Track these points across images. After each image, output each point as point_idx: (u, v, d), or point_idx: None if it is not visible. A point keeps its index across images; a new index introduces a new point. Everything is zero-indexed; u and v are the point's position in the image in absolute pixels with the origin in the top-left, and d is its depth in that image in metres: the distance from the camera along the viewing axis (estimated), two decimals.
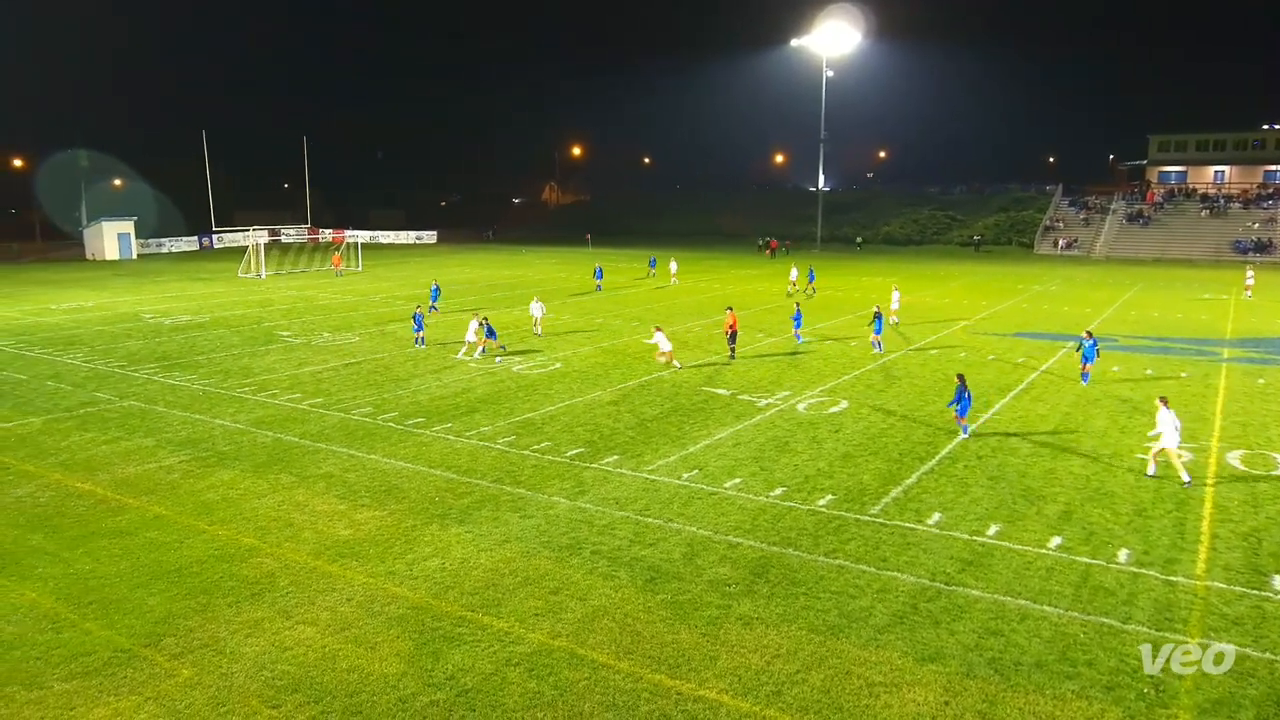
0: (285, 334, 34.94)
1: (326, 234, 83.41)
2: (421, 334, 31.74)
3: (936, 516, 15.14)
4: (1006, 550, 13.78)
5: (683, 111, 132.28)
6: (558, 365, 28.21)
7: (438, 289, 42.85)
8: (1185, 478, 16.71)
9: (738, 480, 17.03)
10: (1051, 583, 12.64)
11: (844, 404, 23.04)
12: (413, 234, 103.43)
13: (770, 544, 14.04)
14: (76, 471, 17.86)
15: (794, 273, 51.14)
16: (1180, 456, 17.06)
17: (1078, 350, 25.93)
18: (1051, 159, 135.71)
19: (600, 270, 53.72)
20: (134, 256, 79.26)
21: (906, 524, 14.84)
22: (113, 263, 74.99)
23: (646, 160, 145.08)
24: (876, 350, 30.00)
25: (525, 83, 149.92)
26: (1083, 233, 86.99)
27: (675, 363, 27.77)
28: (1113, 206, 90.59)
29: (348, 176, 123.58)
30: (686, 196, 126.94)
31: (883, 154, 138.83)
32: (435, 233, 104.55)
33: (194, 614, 11.88)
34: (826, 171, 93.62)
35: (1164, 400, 17.19)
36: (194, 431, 20.71)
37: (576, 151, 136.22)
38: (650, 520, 15.01)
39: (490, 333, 29.44)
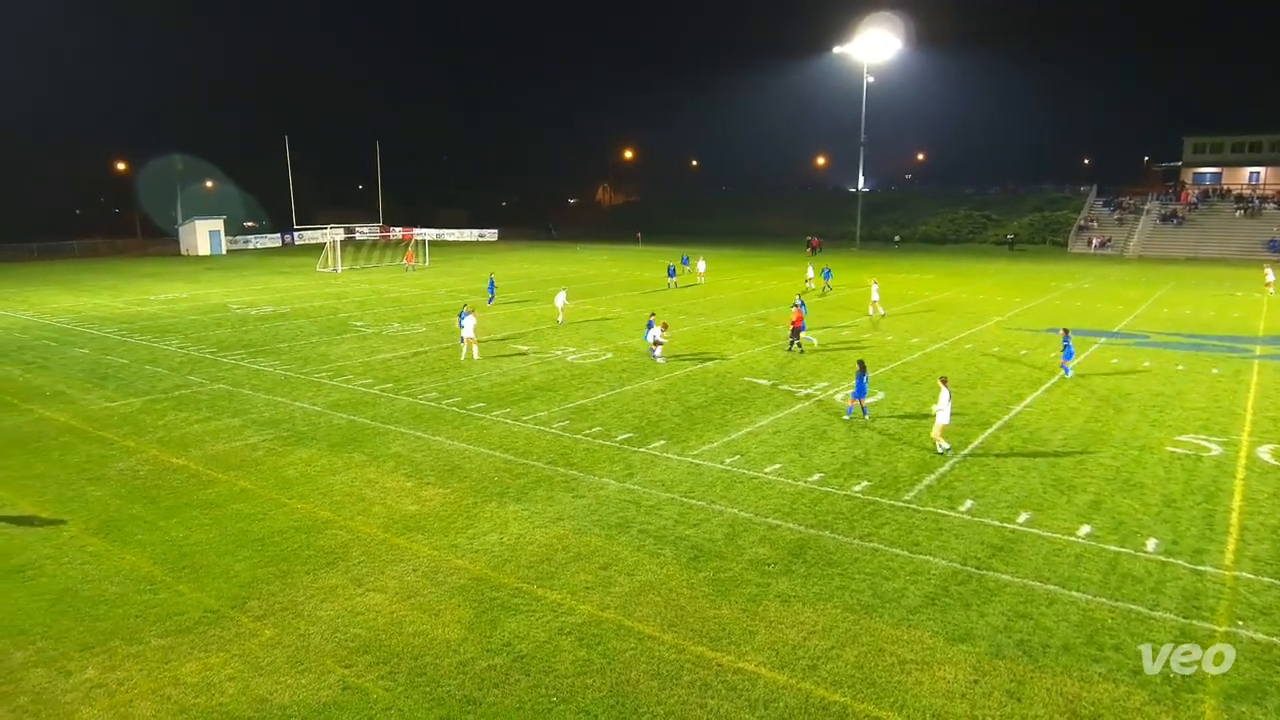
0: (358, 324, 35.60)
1: (397, 232, 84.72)
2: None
3: (968, 504, 14.88)
4: (1036, 537, 13.49)
5: (729, 116, 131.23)
6: (609, 355, 28.29)
7: (494, 283, 43.21)
8: (944, 446, 17.63)
9: (777, 466, 16.92)
10: (1080, 569, 12.35)
11: (880, 395, 22.73)
12: (475, 232, 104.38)
13: (808, 526, 13.94)
14: (172, 448, 18.44)
15: (810, 271, 50.54)
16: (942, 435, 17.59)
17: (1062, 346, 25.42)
18: (1086, 160, 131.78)
19: (674, 269, 51.75)
20: (224, 252, 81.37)
21: (939, 510, 14.61)
22: (204, 258, 77.13)
23: (694, 163, 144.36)
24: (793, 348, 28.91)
25: (581, 88, 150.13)
26: (1116, 232, 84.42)
27: (661, 357, 26.88)
28: (1146, 207, 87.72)
29: (416, 178, 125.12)
30: (731, 197, 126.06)
31: (920, 156, 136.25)
32: (496, 231, 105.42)
33: (275, 579, 12.21)
34: (866, 173, 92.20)
35: (944, 380, 18.21)
36: (276, 413, 21.23)
37: (628, 154, 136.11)
38: (694, 502, 15.01)
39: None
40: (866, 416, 20.23)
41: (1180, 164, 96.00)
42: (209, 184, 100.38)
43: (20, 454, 17.91)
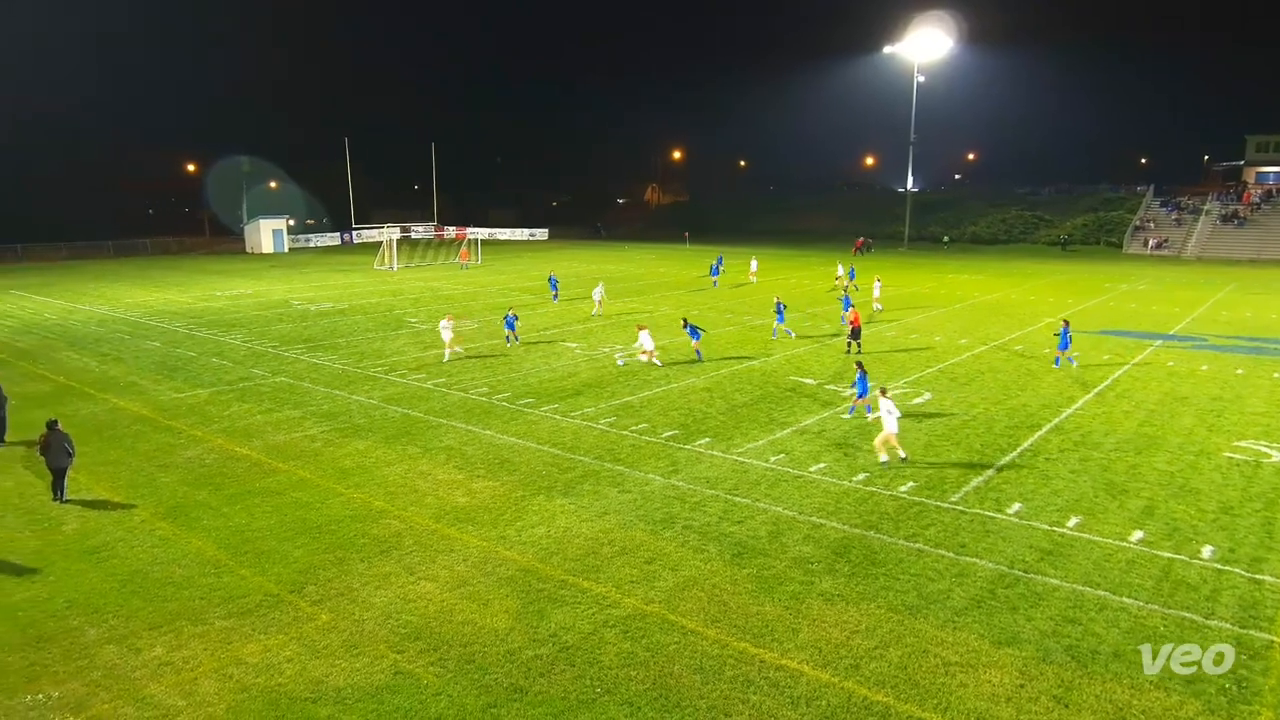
0: (413, 321, 36.18)
1: (450, 231, 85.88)
2: (512, 333, 29.72)
3: (1016, 506, 14.55)
4: (1087, 542, 13.14)
5: (778, 116, 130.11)
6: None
7: (555, 280, 43.54)
8: (902, 454, 16.78)
9: (822, 465, 16.76)
10: (1132, 575, 11.99)
11: (927, 395, 22.35)
12: (526, 231, 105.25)
13: (852, 526, 13.78)
14: (236, 437, 18.97)
15: (840, 270, 50.55)
16: (892, 444, 16.69)
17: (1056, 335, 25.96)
18: (1144, 160, 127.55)
19: (717, 268, 51.47)
20: (286, 250, 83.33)
21: (986, 512, 14.32)
22: (268, 255, 79.13)
23: (741, 163, 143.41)
24: (787, 335, 29.18)
25: (631, 89, 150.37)
26: (1174, 233, 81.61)
27: (656, 360, 26.35)
28: (1206, 207, 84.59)
29: (469, 178, 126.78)
30: (779, 197, 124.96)
31: (971, 155, 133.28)
32: (546, 230, 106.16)
33: (332, 566, 12.49)
34: (915, 172, 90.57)
35: (883, 390, 17.11)
36: (334, 405, 21.70)
37: (677, 154, 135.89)
38: (739, 499, 14.95)
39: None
40: (871, 415, 19.92)
41: (1242, 163, 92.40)
42: (273, 184, 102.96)
43: (96, 441, 18.60)
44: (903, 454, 16.90)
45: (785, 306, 31.88)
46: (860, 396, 19.76)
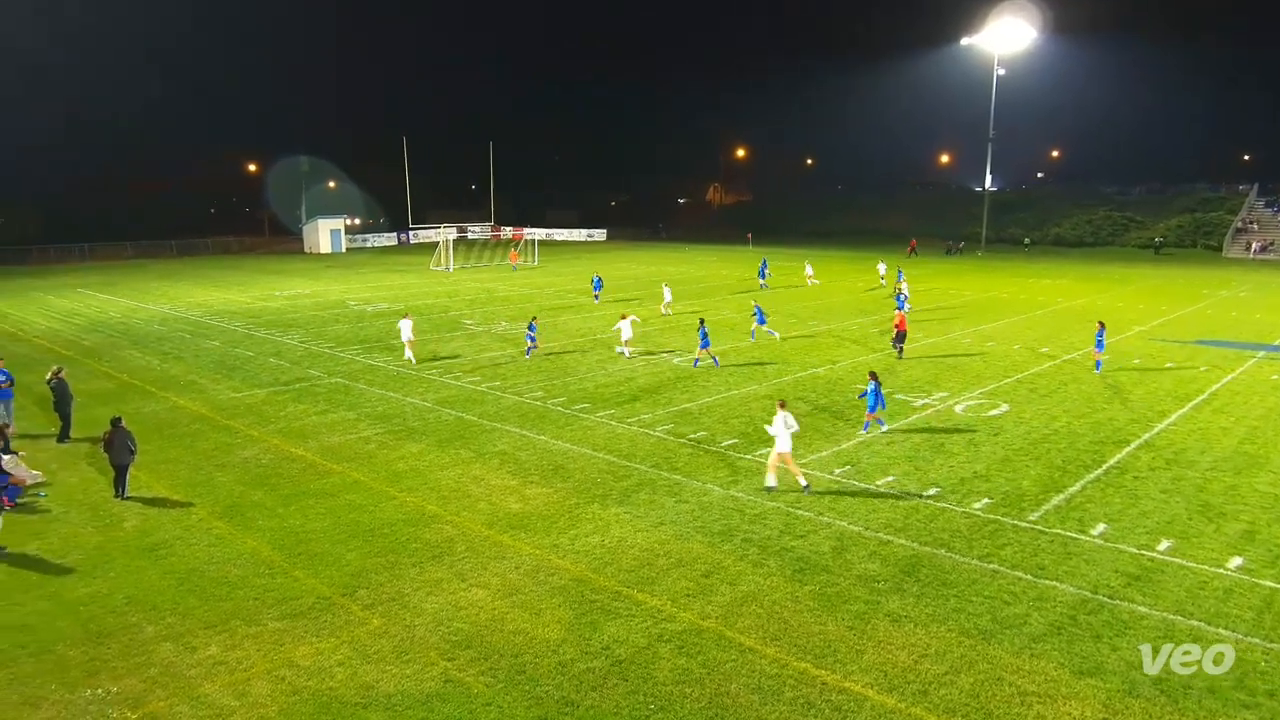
0: (468, 322, 36.76)
1: (508, 231, 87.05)
2: (533, 344, 28.88)
3: (1101, 528, 14.06)
4: (1179, 568, 12.62)
5: (847, 112, 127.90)
6: (714, 360, 28.17)
7: (599, 280, 43.82)
8: (803, 483, 15.63)
9: (890, 478, 16.46)
10: (1230, 605, 11.47)
11: (1004, 407, 21.78)
12: (584, 231, 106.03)
13: (921, 543, 13.49)
14: (292, 438, 19.54)
15: (881, 268, 50.85)
16: (791, 462, 15.66)
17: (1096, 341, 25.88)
18: (1246, 157, 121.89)
19: (764, 271, 51.77)
20: (343, 250, 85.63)
21: (1068, 533, 13.87)
22: (325, 255, 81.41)
23: (809, 161, 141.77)
24: (770, 336, 30.21)
25: (693, 85, 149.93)
26: None
27: (625, 351, 27.99)
28: None
29: (527, 177, 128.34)
30: (848, 197, 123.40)
31: (1055, 152, 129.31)
32: (605, 231, 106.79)
33: (384, 570, 12.75)
34: (994, 171, 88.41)
35: (782, 403, 15.79)
36: (388, 407, 22.17)
37: (741, 153, 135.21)
38: (801, 512, 14.78)
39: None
40: (884, 428, 19.61)
41: None
42: (331, 184, 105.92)
43: (157, 439, 19.36)
44: (803, 481, 15.67)
45: (763, 310, 32.48)
46: (871, 410, 19.32)
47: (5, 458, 15.92)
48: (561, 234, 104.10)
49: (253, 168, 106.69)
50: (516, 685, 9.83)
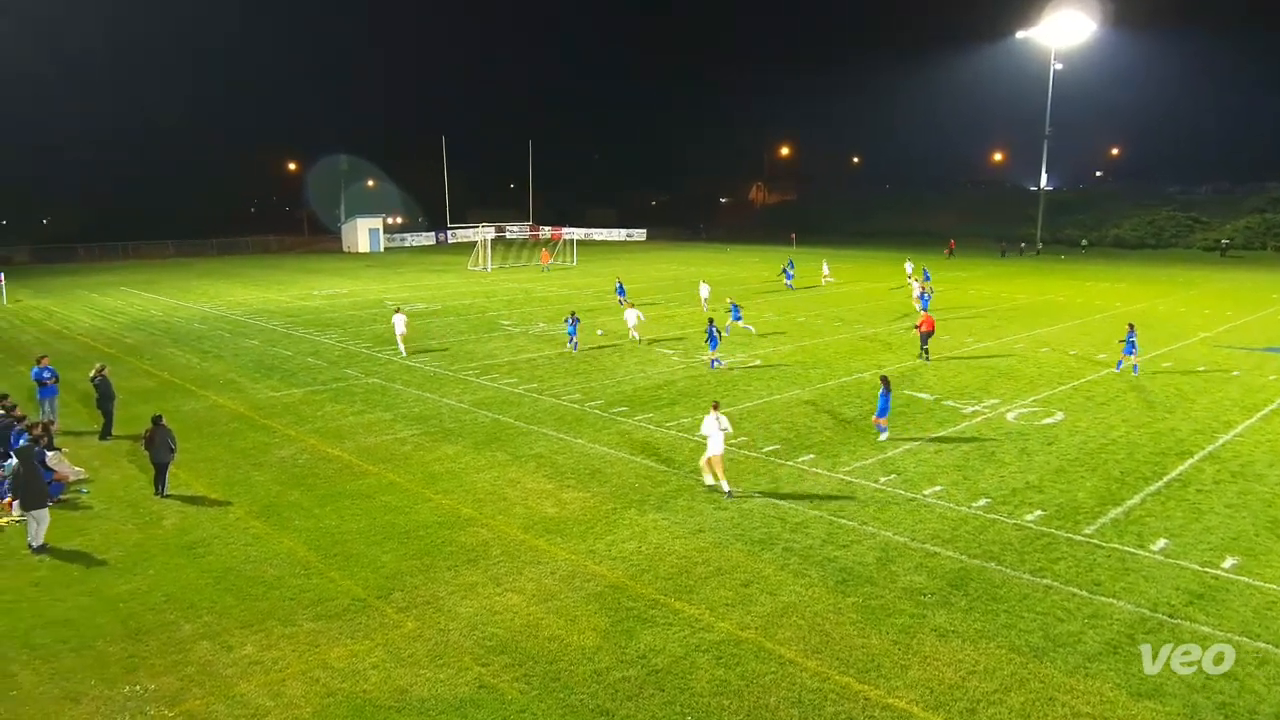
0: (506, 323, 37.06)
1: (546, 231, 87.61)
2: (574, 337, 30.26)
3: (1162, 543, 13.72)
4: (1245, 586, 12.25)
5: (896, 108, 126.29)
6: (757, 362, 28.08)
7: (622, 286, 43.93)
8: (725, 489, 15.73)
9: (938, 488, 16.24)
10: None
11: (1059, 415, 21.36)
12: (623, 231, 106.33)
13: (970, 556, 13.28)
14: (328, 438, 19.87)
15: (909, 267, 51.30)
16: (718, 466, 15.77)
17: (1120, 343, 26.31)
18: None
19: (790, 272, 51.92)
20: (381, 250, 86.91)
21: (1126, 548, 13.56)
22: (364, 255, 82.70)
23: (855, 159, 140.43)
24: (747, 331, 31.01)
25: (735, 82, 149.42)
26: None
27: (635, 335, 31.69)
28: None
29: (566, 177, 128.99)
30: (896, 196, 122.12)
31: (1114, 150, 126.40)
32: (645, 231, 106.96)
33: (419, 573, 12.90)
34: (1050, 169, 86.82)
35: (715, 405, 16.08)
36: (425, 408, 22.44)
37: (785, 151, 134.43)
38: (844, 522, 14.64)
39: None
40: (884, 437, 19.31)
41: None
42: (370, 183, 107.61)
43: (196, 438, 19.81)
44: (725, 487, 15.78)
45: (741, 307, 33.90)
46: (880, 415, 19.13)
47: (49, 454, 16.43)
48: (600, 234, 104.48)
49: (292, 166, 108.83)
50: (551, 693, 9.88)
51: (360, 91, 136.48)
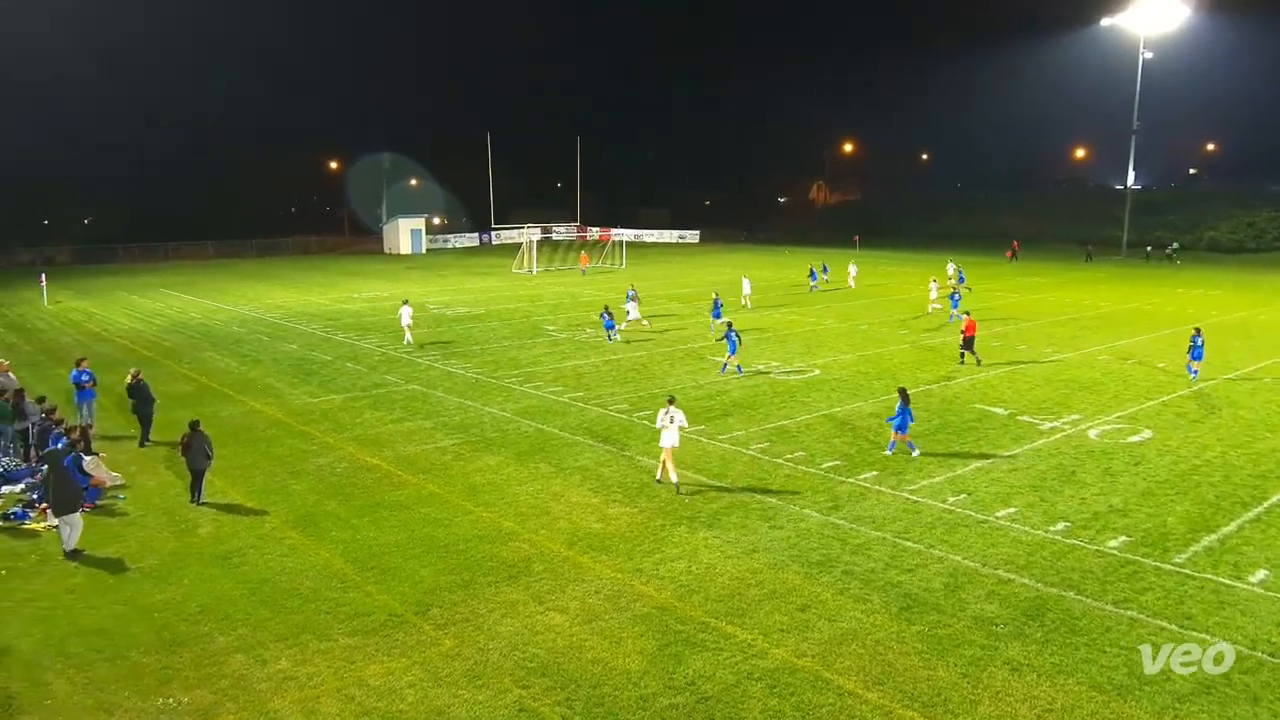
0: (551, 329, 37.33)
1: (594, 232, 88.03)
2: (610, 329, 33.49)
3: (1262, 574, 13.23)
4: None
5: (969, 102, 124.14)
6: (816, 372, 27.83)
7: (633, 292, 43.95)
8: (674, 478, 16.99)
9: (1012, 509, 15.90)
10: None
11: (1147, 433, 20.77)
12: (675, 233, 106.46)
13: (1047, 584, 12.97)
14: (367, 446, 20.20)
15: (951, 268, 54.38)
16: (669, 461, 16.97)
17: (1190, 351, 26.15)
18: None
19: (815, 272, 53.76)
20: (423, 251, 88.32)
21: (1221, 579, 13.10)
22: (405, 256, 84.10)
23: (924, 156, 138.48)
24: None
25: (795, 75, 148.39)
26: None
27: (635, 314, 36.41)
28: None
29: (617, 175, 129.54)
30: (967, 196, 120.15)
31: (1211, 146, 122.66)
32: (698, 232, 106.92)
33: (458, 589, 13.03)
34: (1137, 167, 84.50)
35: (671, 399, 17.43)
36: (466, 417, 22.69)
37: (848, 147, 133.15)
38: (909, 544, 14.41)
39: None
40: (915, 454, 18.99)
41: None
42: (413, 181, 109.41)
43: (233, 444, 20.31)
44: (674, 478, 17.04)
45: (722, 304, 37.12)
46: (898, 430, 18.92)
47: (86, 459, 16.99)
48: (652, 235, 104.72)
49: (334, 165, 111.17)
50: (594, 718, 9.88)
51: (403, 87, 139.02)
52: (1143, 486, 17.12)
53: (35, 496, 16.29)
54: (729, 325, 28.37)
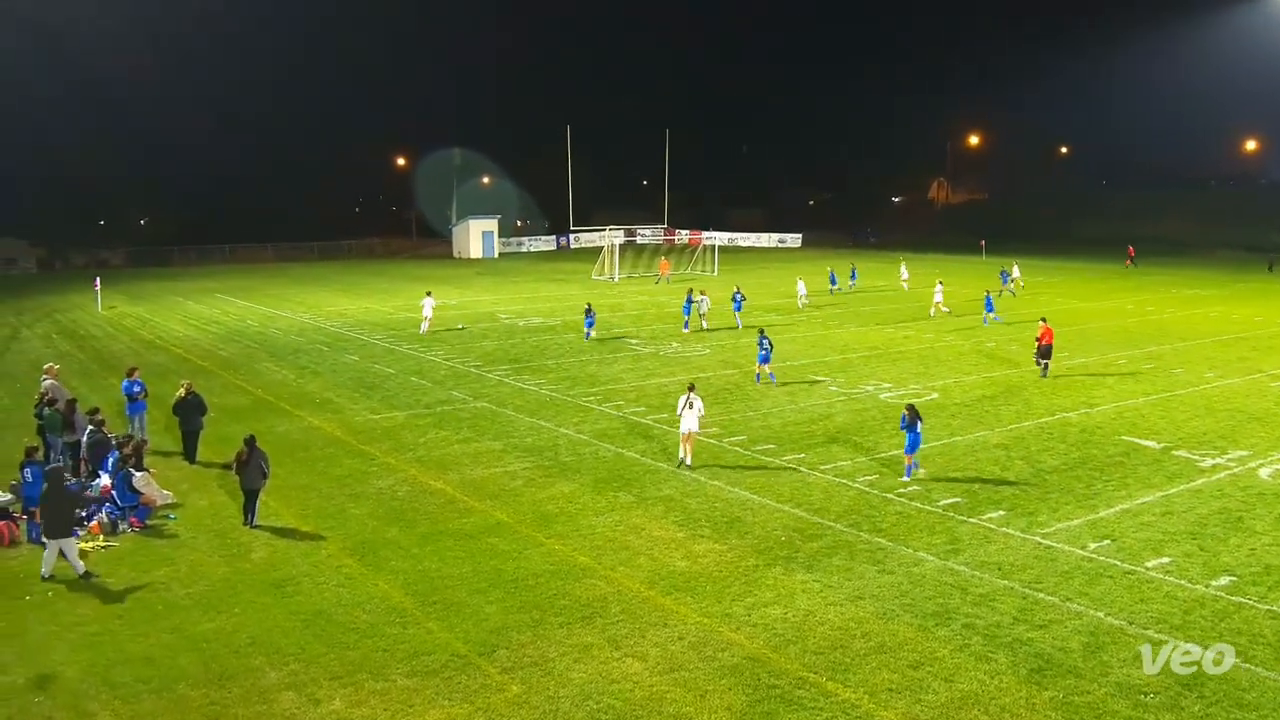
0: (633, 342, 37.54)
1: (683, 235, 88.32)
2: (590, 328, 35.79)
3: None
4: None
5: (1113, 88, 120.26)
6: (934, 395, 27.27)
7: (739, 297, 43.71)
8: (689, 461, 20.04)
9: (1165, 560, 15.26)
10: None
11: None
12: (774, 236, 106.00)
13: (1206, 648, 12.38)
14: (430, 468, 20.62)
15: (1015, 271, 56.69)
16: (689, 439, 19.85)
17: None
18: None
19: (835, 276, 55.67)
20: (495, 255, 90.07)
21: None
22: (476, 260, 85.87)
23: (1062, 149, 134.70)
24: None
25: (913, 60, 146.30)
26: None
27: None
28: None
29: (709, 172, 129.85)
30: (1114, 194, 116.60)
31: None
32: (799, 235, 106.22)
33: (526, 628, 13.14)
34: None
35: (691, 386, 20.37)
36: (539, 438, 22.96)
37: (973, 140, 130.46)
38: (1042, 596, 13.97)
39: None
40: (920, 472, 19.62)
41: None
42: (485, 180, 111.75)
43: (289, 462, 20.98)
44: (688, 460, 20.00)
45: (744, 297, 41.12)
46: (909, 451, 19.39)
47: (137, 475, 17.78)
48: (747, 238, 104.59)
49: (401, 162, 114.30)
50: None
51: (475, 79, 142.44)
52: None
53: (85, 514, 17.09)
54: (760, 332, 29.15)
